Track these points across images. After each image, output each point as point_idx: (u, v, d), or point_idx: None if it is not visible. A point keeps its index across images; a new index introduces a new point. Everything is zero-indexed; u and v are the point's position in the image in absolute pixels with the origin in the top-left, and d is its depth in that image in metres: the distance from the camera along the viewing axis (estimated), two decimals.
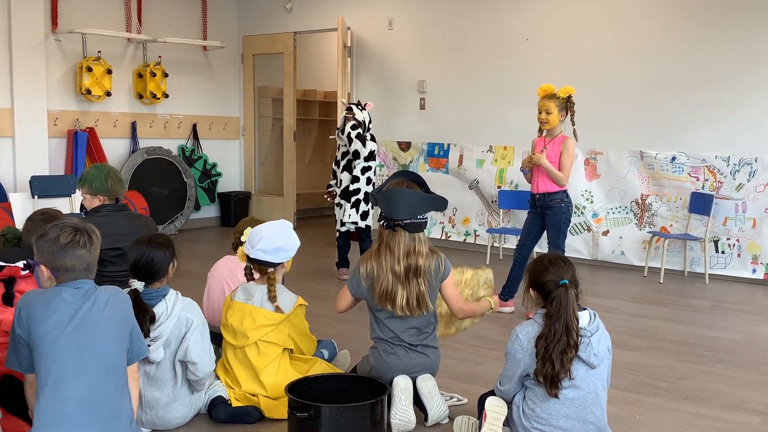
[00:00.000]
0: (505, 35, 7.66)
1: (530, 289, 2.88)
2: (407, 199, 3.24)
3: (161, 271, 3.09)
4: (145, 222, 4.10)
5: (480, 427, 2.91)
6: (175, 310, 3.07)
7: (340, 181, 6.24)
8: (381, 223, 3.29)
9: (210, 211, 9.56)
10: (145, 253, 3.06)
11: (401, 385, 3.19)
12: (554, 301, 2.74)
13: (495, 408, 2.88)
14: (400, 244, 3.24)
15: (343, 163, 6.23)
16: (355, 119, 6.14)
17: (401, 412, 3.15)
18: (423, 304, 3.25)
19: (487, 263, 7.21)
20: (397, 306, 3.23)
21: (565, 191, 5.04)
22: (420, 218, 3.27)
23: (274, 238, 3.35)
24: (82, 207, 4.10)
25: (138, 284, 3.04)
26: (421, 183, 3.41)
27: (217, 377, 3.42)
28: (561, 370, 2.70)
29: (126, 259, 3.17)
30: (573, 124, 5.02)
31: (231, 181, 9.76)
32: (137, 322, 2.68)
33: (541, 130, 5.10)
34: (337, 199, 6.27)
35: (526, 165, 5.11)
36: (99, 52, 8.04)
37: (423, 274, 3.24)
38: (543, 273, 2.81)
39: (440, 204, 3.38)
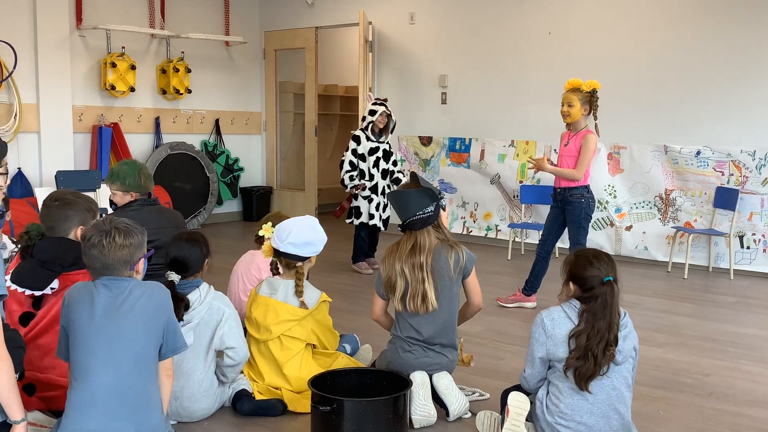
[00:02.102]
0: (527, 29, 7.62)
1: (570, 283, 2.83)
2: (402, 199, 3.32)
3: (196, 266, 3.24)
4: (174, 216, 4.16)
5: (503, 423, 2.91)
6: (208, 298, 3.18)
7: (372, 176, 6.38)
8: (399, 226, 3.40)
9: (232, 206, 9.62)
10: (184, 249, 3.21)
11: (417, 380, 3.20)
12: (599, 298, 2.71)
13: (518, 404, 2.87)
14: (417, 243, 3.29)
15: (372, 159, 6.38)
16: (389, 117, 6.45)
17: (421, 406, 3.16)
18: (428, 300, 3.24)
19: (509, 258, 7.19)
20: (406, 304, 3.27)
21: (586, 186, 5.01)
22: (420, 214, 3.28)
23: (303, 232, 3.39)
24: (112, 202, 4.15)
25: (174, 276, 3.17)
26: (416, 180, 3.45)
27: (241, 371, 3.46)
28: (603, 364, 2.68)
29: (160, 253, 3.27)
30: (595, 119, 4.99)
31: (253, 175, 9.81)
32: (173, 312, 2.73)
33: (569, 124, 5.09)
34: (367, 192, 6.42)
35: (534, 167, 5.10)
36: (123, 47, 8.11)
37: (429, 270, 3.25)
38: (587, 267, 2.76)
39: (429, 194, 3.30)
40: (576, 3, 7.33)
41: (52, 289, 3.07)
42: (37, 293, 3.06)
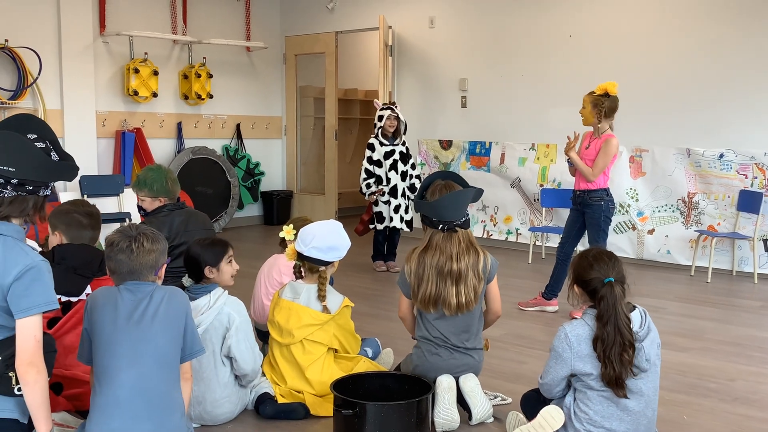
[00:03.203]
0: (547, 32, 7.60)
1: (575, 286, 2.83)
2: (460, 199, 3.30)
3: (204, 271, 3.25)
4: (203, 219, 4.21)
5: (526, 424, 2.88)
6: (217, 304, 3.17)
7: (389, 179, 6.44)
8: (441, 227, 3.29)
9: (253, 210, 9.68)
10: (193, 252, 3.24)
11: (444, 384, 3.20)
12: (602, 301, 2.70)
13: (549, 418, 2.81)
14: (461, 242, 3.28)
15: (388, 163, 6.45)
16: (398, 119, 6.52)
17: (444, 411, 3.16)
18: (477, 296, 3.28)
19: (530, 262, 7.17)
20: (451, 306, 3.24)
21: (605, 189, 5.01)
22: (468, 214, 3.35)
23: (328, 236, 3.40)
24: (140, 208, 4.19)
25: (186, 281, 3.21)
26: (459, 180, 3.47)
27: (263, 374, 3.47)
28: (623, 371, 2.65)
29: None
30: (598, 122, 4.96)
31: (273, 180, 9.86)
32: None
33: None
34: (386, 197, 6.49)
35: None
36: (146, 53, 8.19)
37: (479, 267, 3.28)
38: (587, 270, 2.76)
39: (478, 195, 3.48)
40: (597, 5, 7.30)
41: (87, 294, 3.11)
42: (74, 299, 3.10)
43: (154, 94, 8.23)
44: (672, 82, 6.88)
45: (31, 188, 2.36)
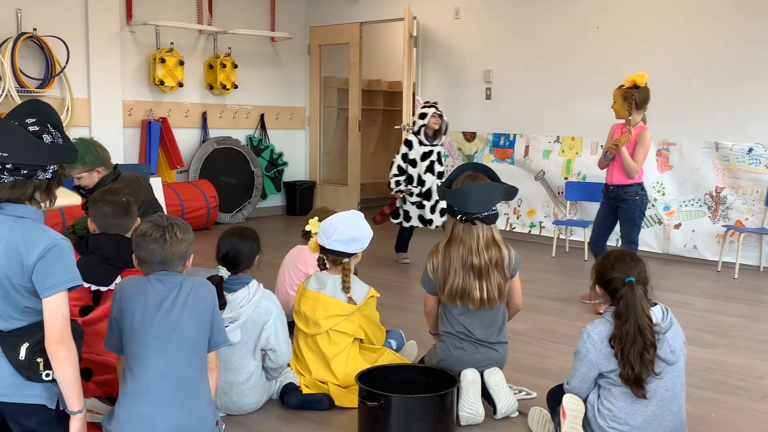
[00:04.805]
0: (574, 23, 7.52)
1: (596, 286, 2.84)
2: (484, 192, 3.25)
3: (246, 262, 3.24)
4: (137, 179, 4.10)
5: (560, 426, 2.85)
6: (256, 297, 3.19)
7: (423, 181, 6.34)
8: (459, 217, 3.26)
9: (276, 200, 9.71)
10: (235, 245, 3.21)
11: (469, 377, 3.20)
12: (621, 300, 2.69)
13: (573, 406, 2.82)
14: (480, 237, 3.24)
15: (425, 164, 6.34)
16: (441, 118, 6.40)
17: (469, 404, 3.15)
18: (502, 294, 3.25)
19: (553, 255, 7.12)
20: (474, 300, 3.23)
21: (640, 184, 4.97)
22: (494, 209, 3.30)
23: (349, 228, 3.39)
24: (79, 190, 3.95)
25: (224, 272, 3.19)
26: (490, 174, 3.43)
27: (288, 364, 3.49)
28: (643, 371, 2.64)
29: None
30: (629, 114, 4.91)
31: (297, 170, 9.88)
32: None
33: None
34: (416, 198, 6.37)
35: (613, 151, 4.99)
36: (172, 43, 8.23)
37: (503, 264, 3.25)
38: (609, 270, 2.76)
39: (512, 193, 3.42)
40: None
41: (116, 284, 3.13)
42: (103, 288, 3.13)
43: (180, 84, 8.27)
44: (701, 75, 6.78)
45: (26, 172, 2.36)
